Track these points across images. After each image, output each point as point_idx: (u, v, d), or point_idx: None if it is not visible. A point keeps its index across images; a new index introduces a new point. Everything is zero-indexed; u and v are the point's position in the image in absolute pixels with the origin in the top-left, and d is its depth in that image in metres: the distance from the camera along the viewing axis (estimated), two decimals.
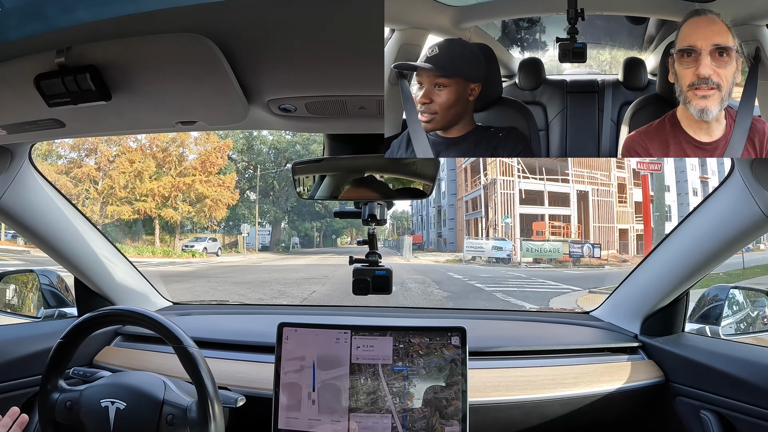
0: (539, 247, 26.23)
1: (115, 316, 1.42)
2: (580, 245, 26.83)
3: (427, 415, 1.45)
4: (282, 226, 42.99)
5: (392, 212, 22.26)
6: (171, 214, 29.01)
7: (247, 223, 36.82)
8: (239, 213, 36.83)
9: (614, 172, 31.76)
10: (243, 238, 36.55)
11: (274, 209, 39.90)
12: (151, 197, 28.33)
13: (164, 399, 1.30)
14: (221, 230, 37.35)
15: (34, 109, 0.99)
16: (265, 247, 39.41)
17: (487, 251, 26.86)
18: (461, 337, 1.49)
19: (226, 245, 35.00)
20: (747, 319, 1.87)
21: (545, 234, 29.65)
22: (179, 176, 29.27)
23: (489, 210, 31.79)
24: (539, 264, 25.22)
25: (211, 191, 29.69)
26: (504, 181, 30.62)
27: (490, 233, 30.76)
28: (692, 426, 1.57)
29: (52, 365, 1.34)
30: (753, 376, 1.42)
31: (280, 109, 1.08)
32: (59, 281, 2.01)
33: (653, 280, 1.76)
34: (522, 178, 30.94)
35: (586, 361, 1.72)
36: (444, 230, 42.00)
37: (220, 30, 0.81)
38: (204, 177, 29.68)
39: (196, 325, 1.90)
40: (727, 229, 1.41)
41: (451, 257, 30.03)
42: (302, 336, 1.54)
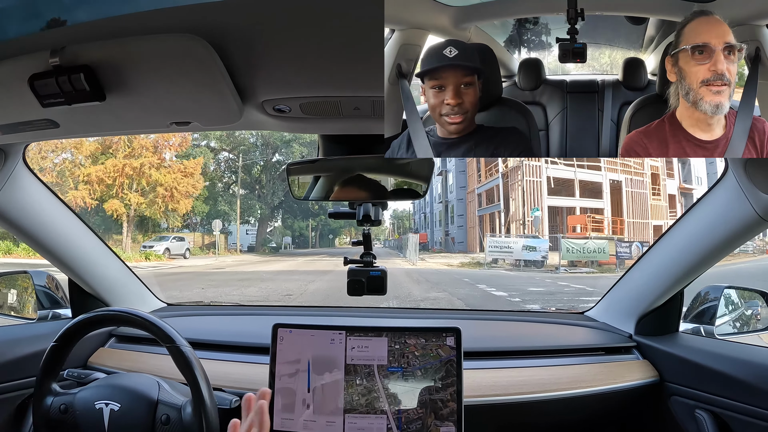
0: (581, 247, 21.16)
1: (108, 317, 1.41)
2: (628, 244, 22.05)
3: (422, 416, 1.45)
4: (274, 225, 40.53)
5: (393, 211, 21.13)
6: (115, 207, 24.17)
7: (227, 221, 33.98)
8: (220, 209, 33.35)
9: (648, 159, 26.82)
10: (224, 238, 33.19)
11: (260, 205, 37.21)
12: (90, 185, 23.64)
13: (158, 399, 1.30)
14: (202, 229, 33.88)
15: (28, 110, 0.98)
16: (251, 248, 36.72)
17: (517, 252, 21.91)
18: (456, 338, 1.49)
19: (205, 246, 32.23)
20: (741, 319, 1.88)
21: (585, 230, 24.79)
22: (127, 158, 24.45)
23: (510, 202, 27.80)
24: (575, 267, 20.77)
25: (167, 178, 25.06)
26: (530, 166, 26.32)
27: (512, 229, 26.92)
28: (687, 425, 1.58)
29: (45, 369, 1.33)
30: (748, 375, 1.43)
31: (275, 109, 1.08)
32: (49, 280, 1.99)
33: (648, 280, 1.76)
34: (550, 163, 26.37)
35: (581, 361, 1.73)
36: (452, 228, 37.68)
37: (215, 30, 0.81)
38: (156, 160, 25.23)
39: (190, 327, 1.89)
40: (720, 230, 1.42)
41: (465, 259, 25.62)
42: (297, 337, 1.53)
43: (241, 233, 36.47)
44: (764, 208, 1.23)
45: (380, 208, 1.45)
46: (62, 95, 0.89)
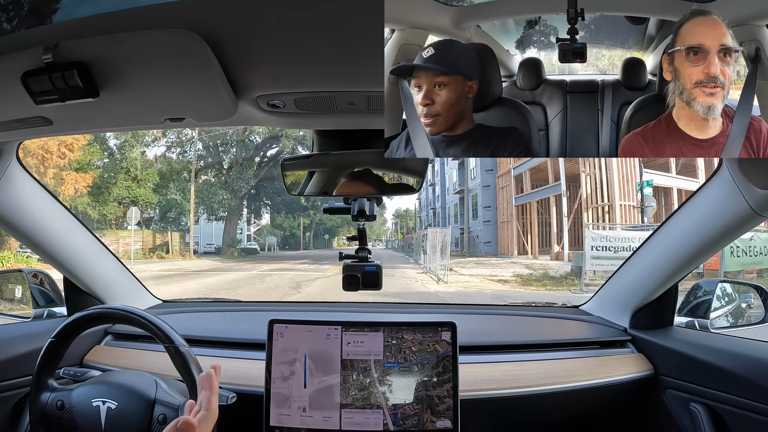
0: (747, 246, 12.60)
1: (107, 315, 1.40)
2: None
3: (418, 411, 1.46)
4: (259, 223, 35.51)
5: (395, 210, 19.38)
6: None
7: (182, 213, 28.35)
8: (171, 198, 27.88)
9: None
10: (179, 236, 27.20)
11: (225, 194, 29.24)
12: None
13: (156, 398, 1.30)
14: (156, 226, 28.49)
15: (21, 107, 0.98)
16: (219, 249, 29.86)
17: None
18: (452, 332, 1.50)
19: (157, 247, 26.98)
20: (736, 312, 1.89)
21: None
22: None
23: (583, 178, 19.38)
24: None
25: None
26: None
27: (589, 218, 18.33)
28: (681, 418, 1.59)
29: (42, 364, 1.33)
30: (741, 368, 1.44)
31: (269, 105, 1.07)
32: (44, 278, 1.98)
33: (642, 274, 1.77)
34: None
35: (576, 355, 1.74)
36: (475, 224, 28.82)
37: (209, 26, 0.81)
38: None
39: (186, 323, 1.89)
40: (715, 224, 1.42)
41: (520, 269, 17.55)
42: (293, 333, 1.53)
43: (208, 231, 30.66)
44: (758, 202, 1.24)
45: (375, 203, 1.45)
46: (55, 92, 0.89)
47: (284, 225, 41.15)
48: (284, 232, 42.42)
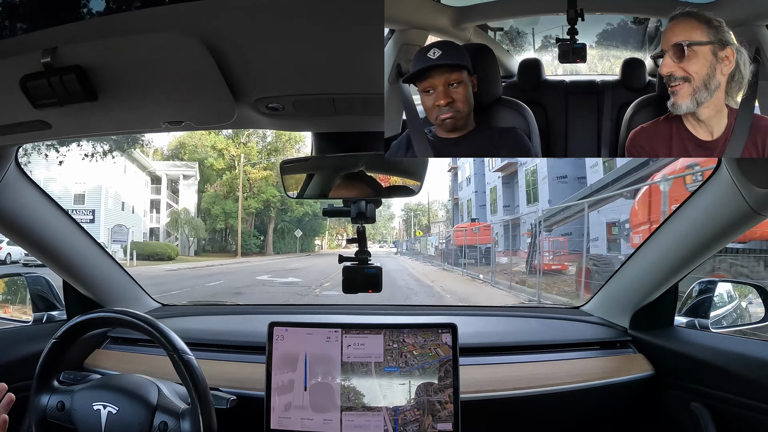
0: None
1: (110, 319, 1.40)
2: None
3: (419, 417, 1.45)
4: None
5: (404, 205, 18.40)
6: None
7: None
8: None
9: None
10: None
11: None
12: None
13: (157, 404, 1.29)
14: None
15: (19, 111, 0.97)
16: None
17: None
18: (452, 334, 1.49)
19: None
20: (736, 312, 1.89)
21: None
22: None
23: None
24: None
25: None
26: None
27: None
28: (682, 418, 1.59)
29: (44, 366, 1.33)
30: (742, 368, 1.44)
31: (268, 107, 1.07)
32: (43, 282, 1.98)
33: (642, 275, 1.77)
34: None
35: (577, 356, 1.74)
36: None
37: (207, 29, 0.81)
38: None
39: (186, 327, 1.88)
40: (714, 223, 1.42)
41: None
42: (293, 335, 1.53)
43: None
44: (757, 201, 1.24)
45: (374, 205, 1.45)
46: (54, 96, 0.88)
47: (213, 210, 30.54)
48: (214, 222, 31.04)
